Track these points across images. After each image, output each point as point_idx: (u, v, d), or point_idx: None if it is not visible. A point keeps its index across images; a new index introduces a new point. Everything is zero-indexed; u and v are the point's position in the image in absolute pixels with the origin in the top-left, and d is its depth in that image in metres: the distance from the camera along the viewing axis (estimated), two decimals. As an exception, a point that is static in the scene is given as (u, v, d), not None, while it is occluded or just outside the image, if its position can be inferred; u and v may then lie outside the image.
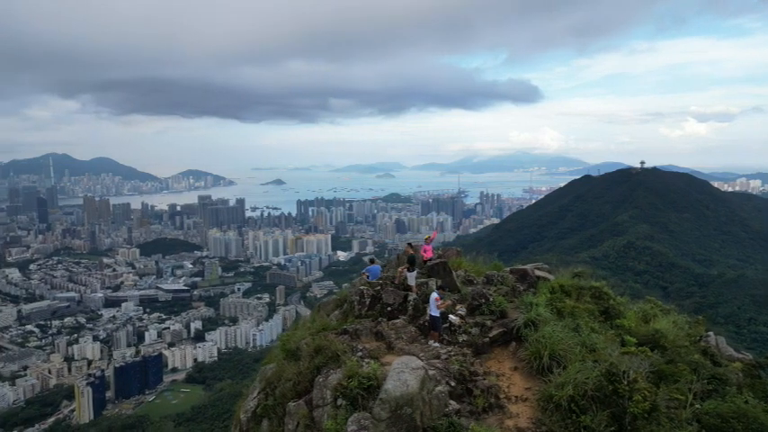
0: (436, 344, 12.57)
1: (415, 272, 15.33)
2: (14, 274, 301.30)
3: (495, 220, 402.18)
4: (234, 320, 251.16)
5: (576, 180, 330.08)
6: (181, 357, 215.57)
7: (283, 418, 10.73)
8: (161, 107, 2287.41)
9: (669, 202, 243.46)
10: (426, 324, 13.29)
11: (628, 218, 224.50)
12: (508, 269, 16.94)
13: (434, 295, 13.38)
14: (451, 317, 13.24)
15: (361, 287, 15.02)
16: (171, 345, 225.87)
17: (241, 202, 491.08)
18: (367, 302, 14.43)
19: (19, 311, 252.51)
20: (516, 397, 10.46)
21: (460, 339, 12.50)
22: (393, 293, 14.59)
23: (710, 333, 14.93)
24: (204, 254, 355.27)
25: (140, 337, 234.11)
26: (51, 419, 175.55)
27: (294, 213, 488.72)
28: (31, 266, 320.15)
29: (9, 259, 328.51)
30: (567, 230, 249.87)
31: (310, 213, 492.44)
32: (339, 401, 9.47)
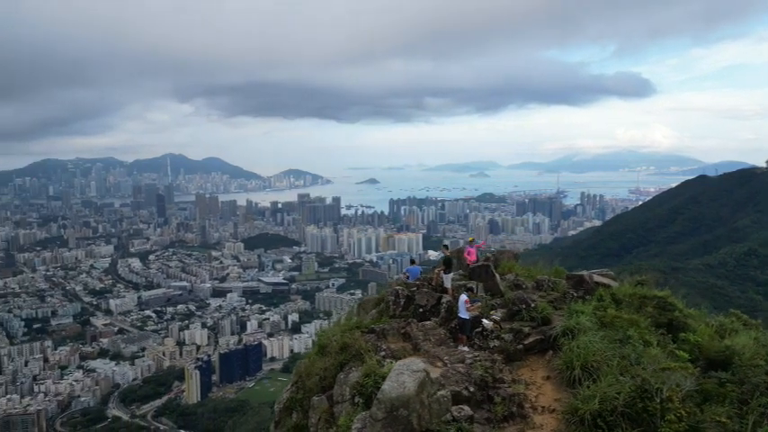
0: (465, 348, 12.34)
1: (451, 274, 15.11)
2: (136, 263, 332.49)
3: (597, 223, 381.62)
4: (328, 314, 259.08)
5: (689, 180, 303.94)
6: (279, 347, 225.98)
7: (308, 411, 11.14)
8: (265, 109, 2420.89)
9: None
10: (457, 327, 13.08)
11: (750, 222, 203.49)
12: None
13: (463, 297, 13.11)
14: (485, 321, 12.91)
15: (397, 287, 15.07)
16: (270, 335, 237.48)
17: (337, 200, 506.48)
18: (401, 303, 14.45)
19: (139, 297, 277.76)
20: (543, 407, 10.01)
21: (492, 345, 12.17)
22: (427, 295, 14.49)
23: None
24: (302, 249, 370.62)
25: (243, 327, 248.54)
26: (164, 398, 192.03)
27: (387, 212, 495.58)
28: (150, 257, 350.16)
29: (132, 250, 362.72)
30: (678, 235, 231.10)
31: (402, 212, 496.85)
32: (356, 399, 9.66)
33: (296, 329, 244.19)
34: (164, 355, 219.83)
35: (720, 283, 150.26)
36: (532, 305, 13.25)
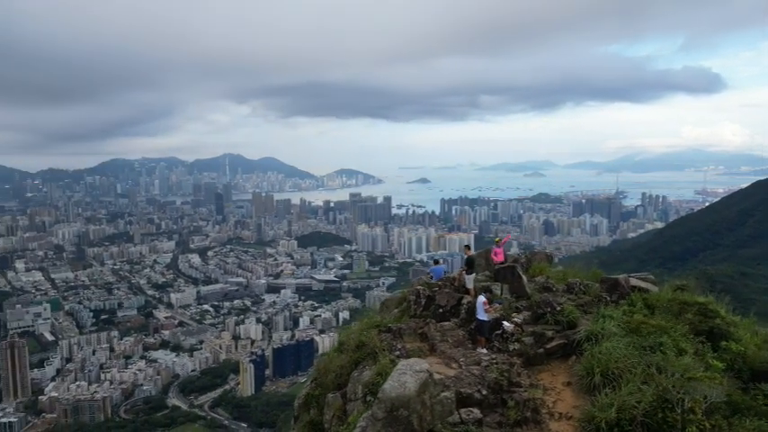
0: (483, 350, 12.10)
1: (473, 275, 14.83)
2: (195, 259, 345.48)
3: (659, 225, 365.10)
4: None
5: (762, 180, 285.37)
6: (330, 344, 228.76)
7: (324, 408, 11.25)
8: (320, 109, 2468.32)
9: None
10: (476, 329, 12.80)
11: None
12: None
13: (481, 299, 12.86)
14: (505, 323, 12.61)
15: (418, 287, 14.95)
16: (321, 331, 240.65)
17: (388, 199, 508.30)
18: (422, 302, 14.35)
19: (198, 292, 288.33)
20: (560, 414, 9.67)
21: (511, 348, 11.86)
22: (447, 295, 14.30)
23: None
24: (353, 248, 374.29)
25: (295, 323, 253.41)
26: (220, 390, 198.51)
27: (438, 212, 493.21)
28: (209, 253, 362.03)
29: (192, 246, 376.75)
30: (749, 238, 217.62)
31: (454, 212, 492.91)
32: (368, 398, 9.68)
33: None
34: (220, 348, 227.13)
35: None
36: (558, 308, 12.84)
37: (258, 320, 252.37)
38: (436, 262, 18.14)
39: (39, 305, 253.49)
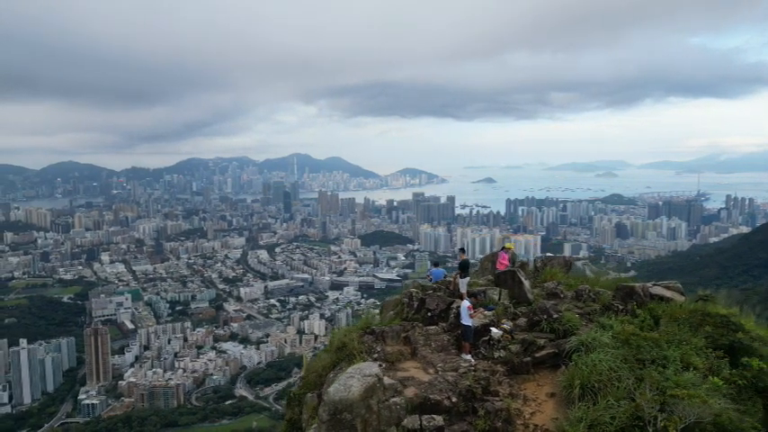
0: (468, 356, 11.70)
1: (467, 279, 14.35)
2: (264, 255, 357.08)
3: (745, 229, 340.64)
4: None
5: None
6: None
7: (302, 407, 11.34)
8: (384, 109, 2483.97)
9: None
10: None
11: None
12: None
13: (466, 303, 12.43)
14: (493, 330, 12.13)
15: (411, 290, 14.69)
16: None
17: (451, 199, 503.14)
18: (414, 305, 14.07)
19: (265, 287, 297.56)
20: (536, 426, 9.22)
21: (496, 355, 11.41)
22: (437, 299, 13.95)
23: None
24: (415, 247, 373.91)
25: (357, 320, 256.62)
26: (284, 383, 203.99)
27: (503, 212, 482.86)
28: (277, 249, 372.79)
29: (260, 242, 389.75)
30: None
31: (520, 213, 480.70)
32: (337, 399, 9.65)
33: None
34: (285, 342, 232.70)
35: None
36: (555, 316, 12.25)
37: (322, 316, 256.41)
38: (436, 264, 17.84)
39: (121, 295, 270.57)
